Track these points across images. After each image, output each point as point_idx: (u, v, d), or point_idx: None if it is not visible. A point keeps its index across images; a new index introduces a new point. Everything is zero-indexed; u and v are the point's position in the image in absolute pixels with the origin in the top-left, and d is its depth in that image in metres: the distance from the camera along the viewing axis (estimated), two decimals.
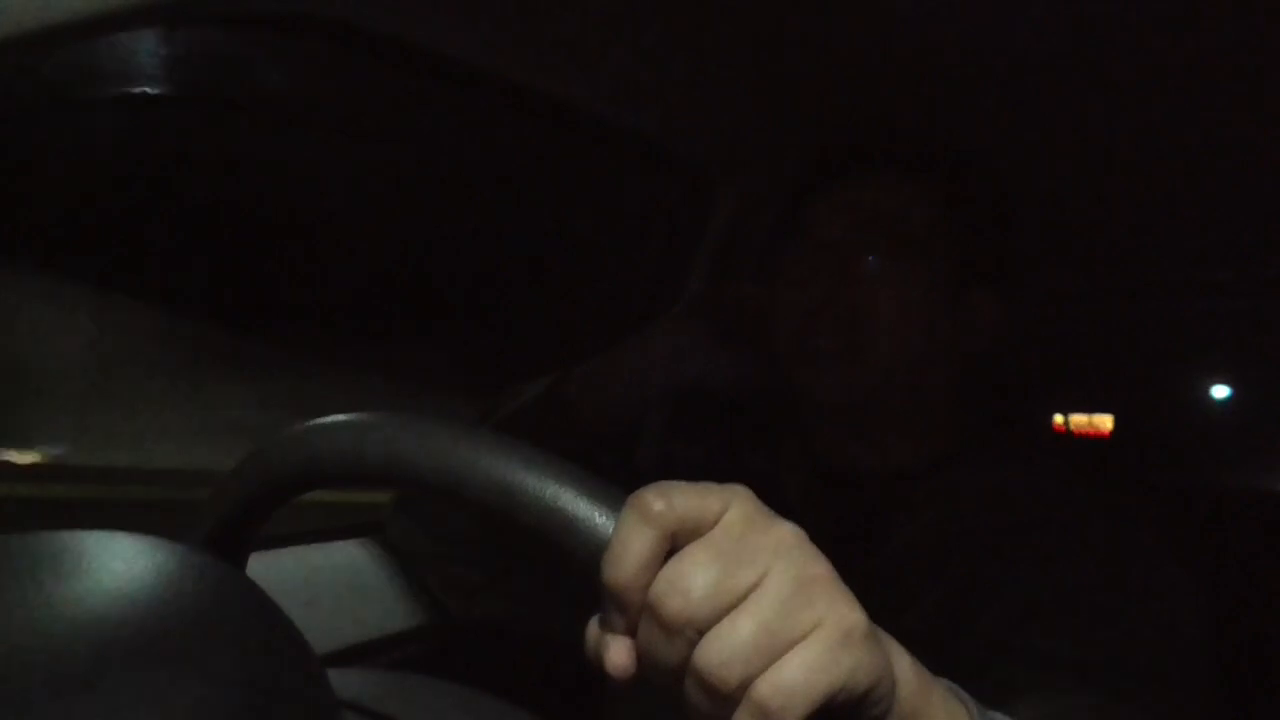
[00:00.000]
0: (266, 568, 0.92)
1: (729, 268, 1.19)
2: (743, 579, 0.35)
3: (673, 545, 0.36)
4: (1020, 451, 0.85)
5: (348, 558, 1.02)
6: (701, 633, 0.35)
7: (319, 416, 0.45)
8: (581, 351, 0.93)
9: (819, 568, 0.37)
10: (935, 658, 0.45)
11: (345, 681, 0.50)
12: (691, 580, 0.35)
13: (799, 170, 0.90)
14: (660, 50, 0.84)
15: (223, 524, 0.48)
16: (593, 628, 0.38)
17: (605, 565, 0.36)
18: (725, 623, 0.34)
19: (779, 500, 0.87)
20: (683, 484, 0.38)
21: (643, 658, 0.36)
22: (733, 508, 0.37)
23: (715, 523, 0.37)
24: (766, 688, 0.34)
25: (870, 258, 0.81)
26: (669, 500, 0.36)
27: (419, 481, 0.41)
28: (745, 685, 0.34)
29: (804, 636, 0.35)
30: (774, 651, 0.34)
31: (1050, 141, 0.95)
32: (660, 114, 1.00)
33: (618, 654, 0.37)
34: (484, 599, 0.93)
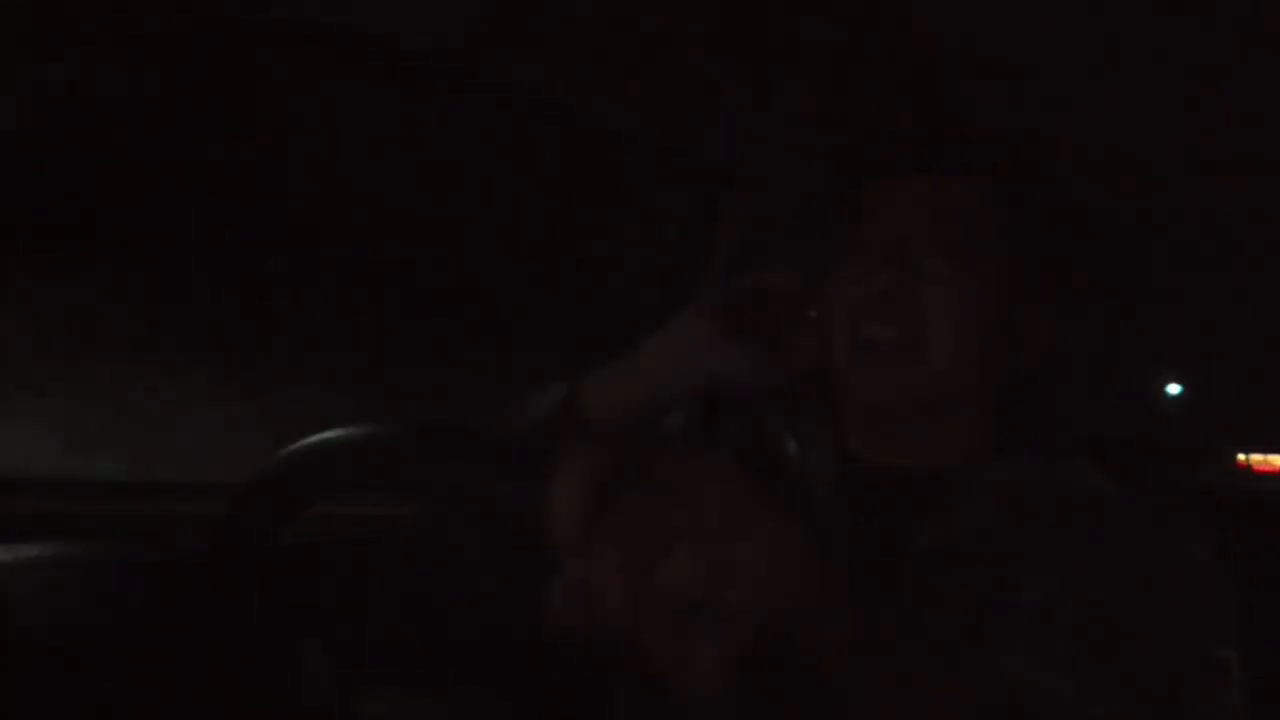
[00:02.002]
0: (281, 575, 0.92)
1: (743, 268, 1.18)
2: (676, 521, 0.36)
3: (611, 494, 0.37)
4: (1050, 453, 0.83)
5: (362, 565, 1.02)
6: (644, 574, 0.36)
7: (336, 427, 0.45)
8: (599, 352, 0.92)
9: (752, 500, 0.38)
10: (968, 653, 0.44)
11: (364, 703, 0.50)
12: (626, 526, 0.36)
13: (859, 162, 0.88)
14: (675, 52, 0.84)
15: (239, 534, 0.48)
16: (553, 590, 0.39)
17: (547, 522, 0.37)
18: (662, 566, 0.36)
19: (807, 498, 0.85)
20: (616, 433, 0.39)
21: (593, 604, 0.37)
22: (664, 453, 0.39)
23: (647, 465, 0.38)
24: (704, 621, 0.35)
25: (939, 255, 0.79)
26: (595, 446, 0.38)
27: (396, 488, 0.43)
28: (686, 622, 0.35)
29: (738, 569, 0.36)
30: (711, 587, 0.36)
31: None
32: (675, 114, 0.99)
33: (570, 602, 0.38)
34: (497, 607, 0.93)
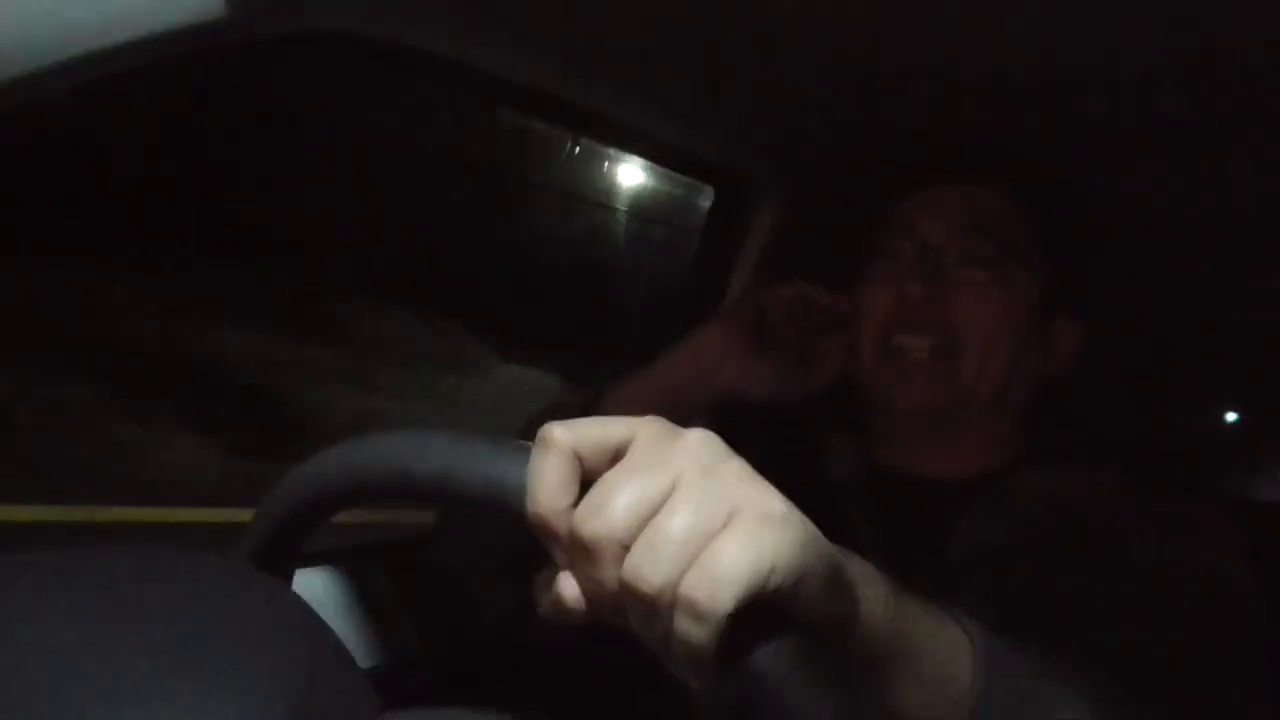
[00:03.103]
0: (309, 583, 0.93)
1: (768, 276, 1.18)
2: (655, 487, 0.36)
3: (588, 475, 0.37)
4: (1078, 460, 0.83)
5: (388, 574, 1.02)
6: (626, 548, 0.35)
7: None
8: (622, 361, 0.93)
9: (730, 463, 0.37)
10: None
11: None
12: (605, 498, 0.36)
13: (893, 169, 0.88)
14: (701, 60, 0.84)
15: (266, 541, 0.48)
16: (540, 579, 0.39)
17: (527, 503, 0.37)
18: (644, 532, 0.35)
19: (834, 507, 0.86)
20: (591, 418, 0.39)
21: (582, 589, 0.37)
22: (640, 429, 0.38)
23: (624, 446, 0.38)
24: (691, 582, 0.34)
25: (971, 264, 0.80)
26: (571, 428, 0.37)
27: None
28: (674, 587, 0.34)
29: (722, 527, 0.35)
30: (695, 548, 0.34)
31: None
32: (701, 124, 0.99)
33: (559, 590, 0.38)
34: (525, 615, 0.93)
